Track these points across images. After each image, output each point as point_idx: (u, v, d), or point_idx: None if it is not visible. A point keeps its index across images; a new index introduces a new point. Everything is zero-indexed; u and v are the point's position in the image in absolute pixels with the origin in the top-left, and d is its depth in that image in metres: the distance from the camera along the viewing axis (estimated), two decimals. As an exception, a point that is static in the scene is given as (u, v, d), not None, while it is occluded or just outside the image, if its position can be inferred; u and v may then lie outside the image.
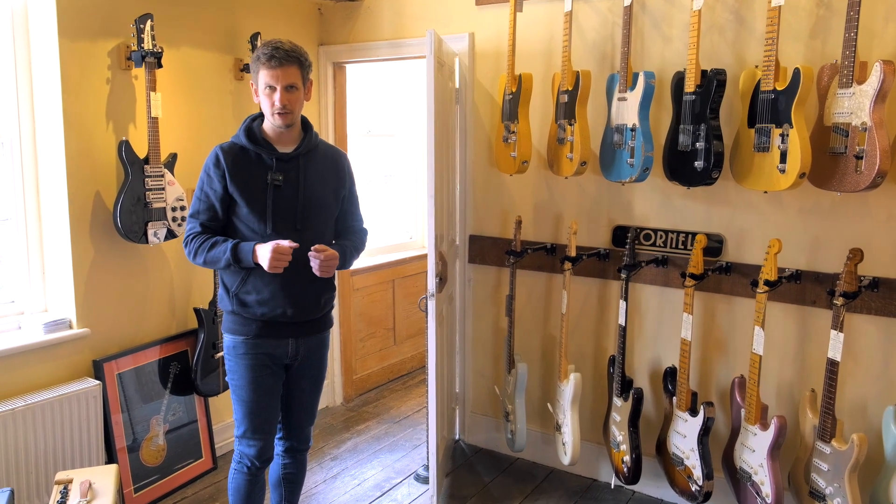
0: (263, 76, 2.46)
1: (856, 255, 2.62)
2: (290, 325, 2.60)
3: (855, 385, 2.98)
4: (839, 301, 2.62)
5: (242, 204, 2.51)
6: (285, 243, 2.41)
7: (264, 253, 2.41)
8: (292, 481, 2.89)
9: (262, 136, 2.56)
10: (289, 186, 2.55)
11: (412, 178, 5.87)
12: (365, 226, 2.86)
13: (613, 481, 3.59)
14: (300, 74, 2.49)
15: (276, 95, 2.45)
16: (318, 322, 2.70)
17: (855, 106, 2.59)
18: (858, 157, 2.58)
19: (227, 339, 2.63)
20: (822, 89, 2.72)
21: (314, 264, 2.48)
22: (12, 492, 2.62)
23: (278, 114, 2.47)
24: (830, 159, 2.68)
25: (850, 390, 2.99)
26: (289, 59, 2.44)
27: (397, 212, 5.81)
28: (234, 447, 2.70)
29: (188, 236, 2.56)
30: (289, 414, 2.77)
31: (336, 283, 2.77)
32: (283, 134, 2.56)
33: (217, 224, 2.56)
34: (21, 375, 3.08)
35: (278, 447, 2.82)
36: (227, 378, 2.69)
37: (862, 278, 2.74)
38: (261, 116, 2.59)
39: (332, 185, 2.67)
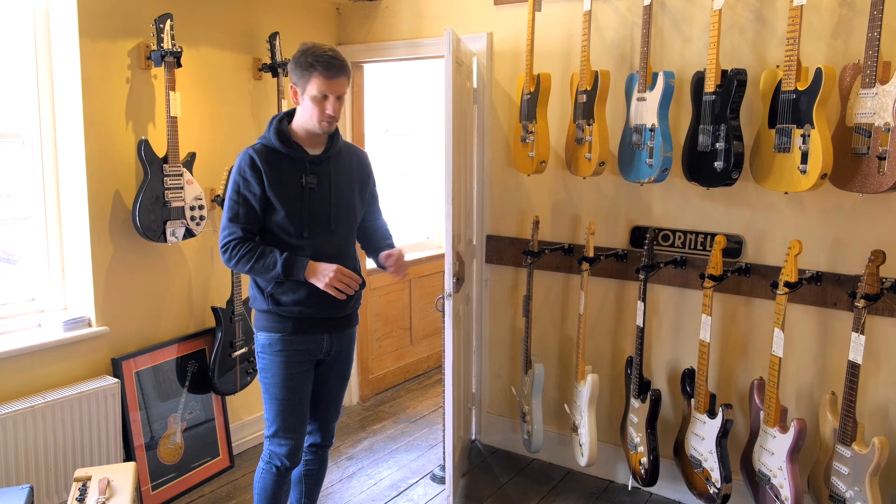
0: (317, 83, 2.42)
1: (878, 257, 2.59)
2: (324, 320, 2.63)
3: (876, 388, 2.95)
4: (861, 303, 2.59)
5: (279, 207, 2.49)
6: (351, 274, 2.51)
7: (325, 274, 2.47)
8: (313, 478, 2.90)
9: (293, 138, 2.57)
10: (321, 189, 2.56)
11: (429, 178, 5.87)
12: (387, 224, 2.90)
13: (630, 483, 3.58)
14: (348, 83, 2.52)
15: (329, 104, 2.45)
16: (349, 318, 2.73)
17: (878, 106, 2.56)
18: (881, 158, 2.55)
19: (262, 337, 2.62)
20: (844, 89, 2.69)
21: (394, 270, 2.68)
22: (32, 488, 2.64)
23: (327, 122, 2.48)
24: (852, 160, 2.65)
25: (871, 393, 2.95)
26: (343, 70, 2.45)
27: (414, 211, 5.81)
28: (265, 447, 2.70)
29: (229, 241, 2.51)
30: (315, 409, 2.79)
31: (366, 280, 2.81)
32: (312, 136, 2.57)
33: (257, 227, 2.53)
34: (41, 373, 3.11)
35: None
36: (259, 378, 2.69)
37: (884, 280, 2.70)
38: (286, 116, 2.59)
39: (358, 185, 2.69)
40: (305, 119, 2.51)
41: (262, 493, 2.72)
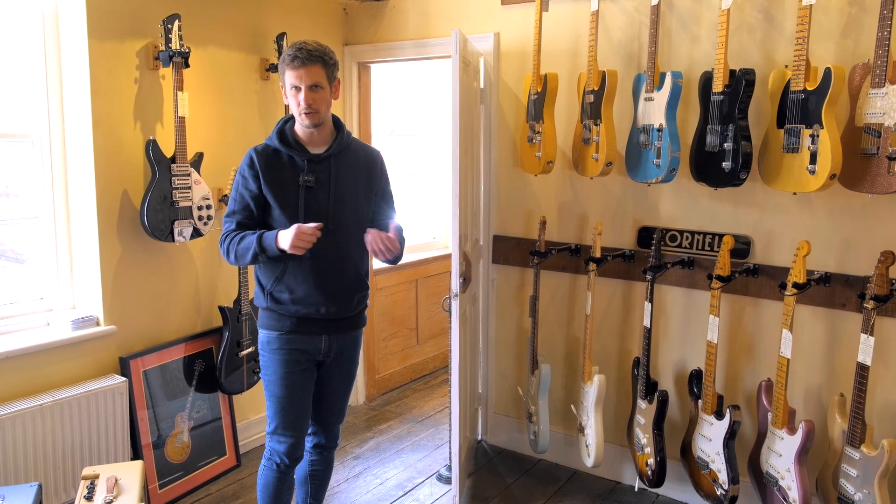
0: (289, 77, 2.47)
1: (887, 258, 2.57)
2: (323, 321, 2.62)
3: (885, 389, 2.93)
4: (870, 304, 2.58)
5: (275, 205, 2.53)
6: (311, 225, 2.41)
7: (287, 235, 2.41)
8: (319, 478, 2.90)
9: (294, 138, 2.58)
10: (320, 187, 2.56)
11: (436, 178, 5.87)
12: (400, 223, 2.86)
13: (637, 484, 3.57)
14: (325, 74, 2.49)
15: (301, 95, 2.47)
16: (351, 320, 2.72)
17: (888, 106, 2.54)
18: (891, 159, 2.53)
19: (262, 335, 2.66)
20: (853, 89, 2.68)
21: (372, 241, 2.51)
22: (40, 486, 2.65)
23: (304, 113, 2.49)
24: (862, 160, 2.64)
25: (880, 395, 2.94)
26: (312, 59, 2.45)
27: (421, 211, 5.81)
28: (266, 444, 2.72)
29: (223, 235, 2.59)
30: (318, 410, 2.79)
31: (369, 282, 2.77)
32: (314, 135, 2.57)
33: (253, 223, 2.58)
34: (49, 372, 3.12)
35: (306, 444, 2.83)
36: (260, 375, 2.72)
37: (893, 281, 2.68)
38: (293, 118, 2.61)
39: (364, 184, 2.67)
40: (295, 115, 2.55)
41: (264, 491, 2.73)
